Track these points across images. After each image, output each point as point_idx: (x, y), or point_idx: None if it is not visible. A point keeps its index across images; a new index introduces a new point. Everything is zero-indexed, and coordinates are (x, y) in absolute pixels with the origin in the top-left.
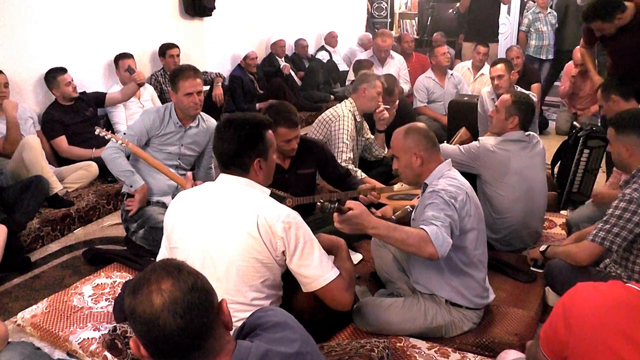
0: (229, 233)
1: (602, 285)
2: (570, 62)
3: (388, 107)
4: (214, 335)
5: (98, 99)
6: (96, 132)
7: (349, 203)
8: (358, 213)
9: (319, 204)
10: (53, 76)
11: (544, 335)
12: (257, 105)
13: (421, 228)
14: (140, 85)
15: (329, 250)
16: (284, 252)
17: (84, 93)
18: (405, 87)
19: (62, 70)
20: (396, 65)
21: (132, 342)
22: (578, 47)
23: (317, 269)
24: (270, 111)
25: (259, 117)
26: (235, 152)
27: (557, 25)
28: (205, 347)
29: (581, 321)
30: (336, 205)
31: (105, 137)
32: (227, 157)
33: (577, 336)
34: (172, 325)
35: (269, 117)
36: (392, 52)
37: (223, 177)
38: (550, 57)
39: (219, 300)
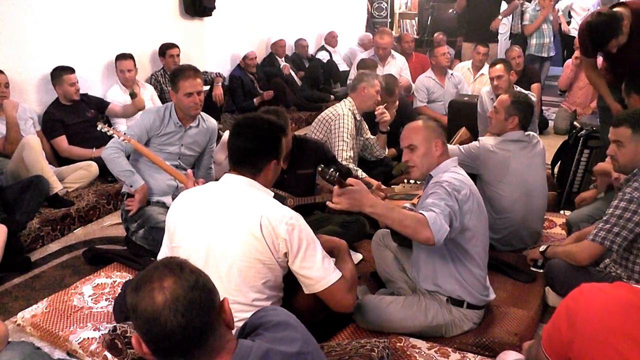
0: (232, 233)
1: (607, 286)
2: (570, 60)
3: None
4: (215, 333)
5: (101, 106)
6: (98, 128)
7: (350, 180)
8: (358, 189)
9: (319, 168)
10: (59, 73)
11: (546, 336)
12: (255, 100)
13: (420, 213)
14: (140, 109)
15: (330, 251)
16: (286, 254)
17: (86, 95)
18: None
19: (70, 70)
20: (397, 65)
21: (134, 339)
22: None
23: (319, 271)
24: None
25: (277, 121)
26: (254, 150)
27: (558, 21)
28: (206, 345)
29: (586, 323)
30: (337, 175)
31: (107, 133)
32: (243, 154)
33: (582, 338)
34: (173, 323)
35: None
36: (393, 53)
37: (227, 177)
38: (552, 54)
39: (221, 299)
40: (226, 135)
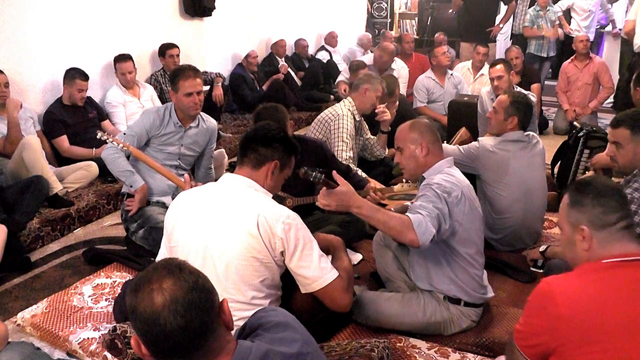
0: (230, 231)
1: (571, 273)
2: (567, 62)
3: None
4: (214, 334)
5: (101, 114)
6: (98, 137)
7: (337, 179)
8: (345, 190)
9: (302, 170)
10: (73, 75)
11: (520, 337)
12: (264, 87)
13: (406, 215)
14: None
15: (326, 249)
16: (282, 253)
17: (89, 97)
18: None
19: (84, 77)
20: (394, 73)
21: (133, 341)
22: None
23: (316, 270)
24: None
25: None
26: (268, 137)
27: (558, 22)
28: (206, 346)
29: (572, 304)
30: (322, 176)
31: (107, 141)
32: (258, 137)
33: (569, 318)
34: (172, 324)
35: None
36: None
37: (227, 176)
38: (552, 54)
39: (220, 300)
40: None
